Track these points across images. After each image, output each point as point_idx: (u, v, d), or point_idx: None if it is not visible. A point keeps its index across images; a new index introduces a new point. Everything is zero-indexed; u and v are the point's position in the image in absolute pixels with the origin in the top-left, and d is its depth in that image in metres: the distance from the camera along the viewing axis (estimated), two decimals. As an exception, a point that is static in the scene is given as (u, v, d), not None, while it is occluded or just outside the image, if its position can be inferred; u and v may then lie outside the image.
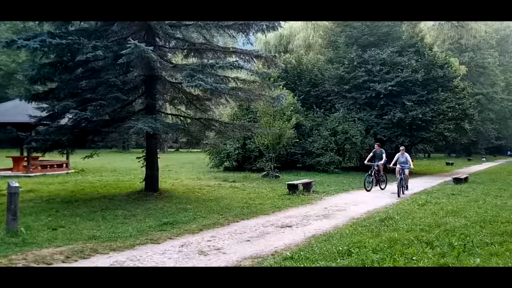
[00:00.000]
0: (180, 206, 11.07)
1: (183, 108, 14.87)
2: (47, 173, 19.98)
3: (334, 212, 11.07)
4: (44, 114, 12.13)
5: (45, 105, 12.20)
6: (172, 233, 8.20)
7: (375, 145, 16.98)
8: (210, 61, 12.89)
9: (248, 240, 7.85)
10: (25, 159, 20.21)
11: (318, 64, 27.02)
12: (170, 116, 15.56)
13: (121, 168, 24.40)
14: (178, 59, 15.28)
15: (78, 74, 11.91)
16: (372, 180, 15.90)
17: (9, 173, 19.71)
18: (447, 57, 26.07)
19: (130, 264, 6.17)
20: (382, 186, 16.34)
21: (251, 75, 14.93)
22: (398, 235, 7.61)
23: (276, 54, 20.58)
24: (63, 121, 12.61)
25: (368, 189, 15.61)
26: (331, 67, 24.70)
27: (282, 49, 32.36)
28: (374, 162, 16.17)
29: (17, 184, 7.78)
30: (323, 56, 27.79)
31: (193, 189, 14.91)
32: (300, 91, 24.79)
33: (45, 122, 12.76)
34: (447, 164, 36.10)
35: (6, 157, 22.97)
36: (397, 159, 15.33)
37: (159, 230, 8.43)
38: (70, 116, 11.91)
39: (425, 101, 23.30)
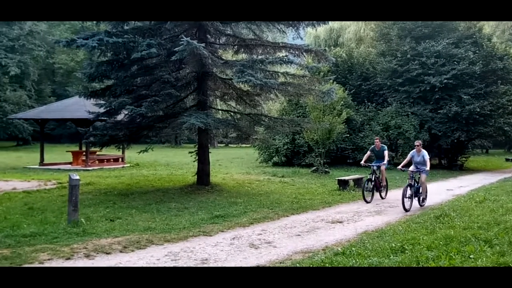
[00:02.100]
0: (230, 200, 11.24)
1: (233, 104, 15.06)
2: (104, 167, 20.85)
3: (386, 209, 10.86)
4: (101, 110, 12.66)
5: (102, 102, 12.75)
6: (224, 226, 8.36)
7: (375, 140, 12.98)
8: (260, 56, 12.97)
9: (299, 235, 7.86)
10: (84, 153, 21.19)
11: (370, 57, 26.45)
12: (220, 111, 15.82)
13: (173, 162, 25.04)
14: (228, 55, 15.48)
15: (133, 71, 12.32)
16: (373, 188, 12.18)
17: (68, 167, 20.74)
18: (507, 48, 24.74)
19: (184, 255, 6.37)
20: (383, 194, 12.68)
21: (300, 69, 14.88)
22: (455, 233, 7.35)
23: (326, 48, 20.41)
24: (119, 117, 13.12)
25: (368, 199, 11.72)
26: (383, 60, 24.10)
27: (332, 43, 31.91)
28: (373, 163, 12.60)
29: (77, 177, 8.19)
30: (374, 49, 27.18)
31: (243, 183, 15.08)
32: (351, 85, 24.39)
33: (102, 118, 13.32)
34: (507, 160, 34.30)
35: (66, 151, 24.16)
36: (411, 158, 11.26)
37: (211, 222, 8.62)
38: (126, 112, 12.39)
39: (483, 95, 22.25)
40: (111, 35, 11.14)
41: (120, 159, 22.76)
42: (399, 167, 11.51)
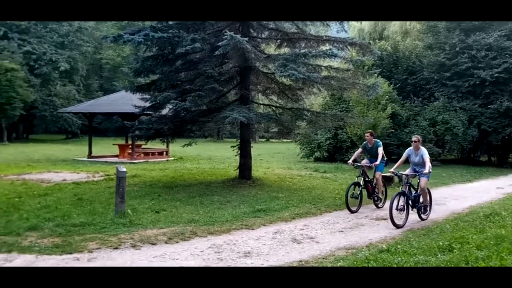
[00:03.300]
0: (272, 194, 11.24)
1: (275, 98, 15.02)
2: (149, 160, 21.35)
3: (433, 206, 10.52)
4: (147, 104, 12.93)
5: (147, 96, 13.02)
6: (266, 220, 8.38)
7: (366, 134, 10.64)
8: (303, 50, 12.84)
9: (342, 231, 7.77)
10: (130, 146, 21.78)
11: (416, 50, 25.70)
12: (262, 106, 15.82)
13: (216, 156, 25.33)
14: (271, 49, 15.44)
15: (177, 66, 12.51)
16: (361, 193, 9.76)
17: (115, 159, 21.37)
18: None
19: (227, 247, 6.44)
20: (380, 204, 10.32)
21: (344, 63, 14.65)
22: (506, 232, 7.03)
23: (371, 41, 19.96)
24: (164, 111, 13.37)
25: (352, 208, 9.52)
26: (431, 54, 23.35)
27: (377, 36, 31.19)
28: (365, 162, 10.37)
29: (124, 169, 8.43)
30: (421, 42, 26.37)
31: (284, 178, 15.04)
32: (396, 79, 23.80)
33: (148, 112, 13.62)
34: None
35: (113, 144, 24.91)
36: (407, 157, 9.01)
37: (253, 216, 8.66)
38: (171, 107, 12.60)
39: (537, 89, 21.19)
40: (157, 30, 11.31)
41: (164, 153, 23.24)
42: (392, 169, 8.79)
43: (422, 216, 8.86)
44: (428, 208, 9.04)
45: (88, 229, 7.24)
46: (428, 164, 8.46)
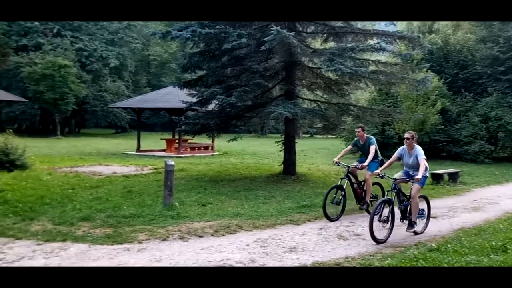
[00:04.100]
0: (317, 190, 11.16)
1: (320, 93, 14.89)
2: (195, 154, 21.73)
3: (485, 205, 10.14)
4: (194, 100, 13.16)
5: (194, 92, 13.25)
6: (311, 216, 8.34)
7: (357, 129, 9.06)
8: (350, 44, 12.64)
9: (389, 228, 7.61)
10: (177, 141, 22.24)
11: (468, 44, 24.68)
12: (307, 101, 15.71)
13: (260, 151, 25.42)
14: (317, 43, 15.29)
15: (224, 62, 12.65)
16: (343, 198, 8.24)
17: (162, 153, 21.89)
18: None
19: (272, 242, 6.46)
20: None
21: (393, 57, 14.30)
22: None
23: (420, 35, 19.36)
24: (210, 107, 13.56)
25: (332, 216, 8.05)
26: (484, 47, 22.36)
27: (427, 29, 30.18)
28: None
29: (173, 163, 8.62)
30: (473, 35, 25.30)
31: (329, 174, 14.90)
32: (446, 73, 22.97)
33: (194, 107, 13.85)
34: None
35: (160, 139, 25.53)
36: (399, 157, 7.45)
37: (298, 212, 8.64)
38: (217, 102, 12.77)
39: None
40: (204, 26, 11.46)
41: (209, 147, 23.58)
42: (378, 171, 7.34)
43: (409, 228, 7.11)
44: (425, 220, 7.54)
45: (137, 221, 7.46)
46: (422, 167, 6.86)
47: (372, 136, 9.06)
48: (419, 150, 7.16)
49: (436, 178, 13.26)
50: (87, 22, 42.03)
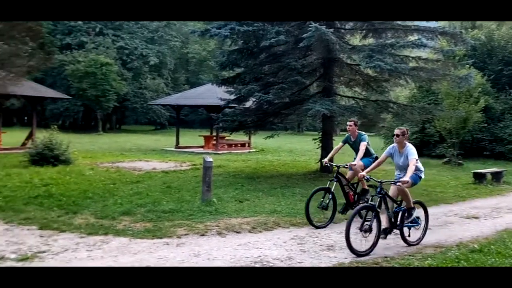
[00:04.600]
0: (355, 189, 11.01)
1: (358, 90, 14.70)
2: (232, 151, 21.89)
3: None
4: (232, 97, 13.26)
5: (232, 89, 13.35)
6: (348, 214, 8.21)
7: (348, 123, 8.11)
8: (390, 40, 12.42)
9: (429, 228, 7.40)
10: (214, 138, 22.47)
11: (514, 39, 23.70)
12: (345, 98, 15.54)
13: (296, 149, 25.34)
14: (355, 40, 15.08)
15: (261, 59, 12.68)
16: (330, 201, 7.40)
17: (200, 150, 22.18)
18: None
19: (310, 240, 6.44)
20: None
21: (434, 53, 13.93)
22: None
23: (462, 30, 18.74)
24: (248, 104, 13.62)
25: (318, 223, 7.31)
26: (531, 42, 21.43)
27: (469, 24, 29.19)
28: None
29: (211, 160, 8.72)
30: (520, 30, 24.27)
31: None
32: (490, 70, 22.11)
33: (232, 104, 13.95)
34: None
35: (199, 136, 25.86)
36: (389, 156, 6.59)
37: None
38: (254, 99, 12.81)
39: None
40: (242, 24, 11.52)
41: (246, 144, 23.71)
42: (363, 173, 6.54)
43: (408, 239, 6.37)
44: (421, 230, 6.63)
45: (176, 216, 7.59)
46: (410, 168, 6.02)
47: (364, 133, 8.17)
48: (411, 149, 6.28)
49: (479, 177, 12.84)
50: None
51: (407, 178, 5.93)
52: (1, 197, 8.57)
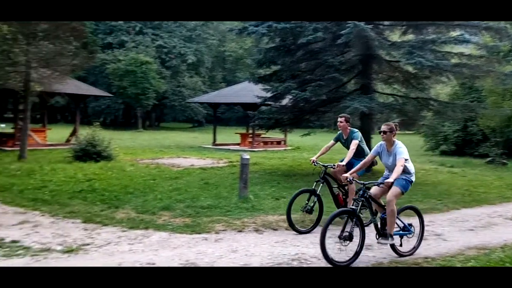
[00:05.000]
0: (394, 188, 10.82)
1: (398, 87, 14.40)
2: (268, 149, 21.94)
3: None
4: (268, 95, 13.27)
5: (268, 87, 13.35)
6: (387, 214, 8.11)
7: (339, 120, 7.48)
8: (431, 36, 12.11)
9: (472, 230, 7.24)
10: (250, 135, 22.58)
11: None
12: (384, 95, 15.27)
13: (333, 147, 25.05)
14: (395, 36, 14.78)
15: (298, 56, 12.62)
16: (319, 205, 7.03)
17: (237, 147, 22.34)
18: None
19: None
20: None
21: (478, 49, 13.47)
22: None
23: (507, 25, 18.00)
24: (284, 102, 13.60)
25: (302, 229, 6.78)
26: None
27: (516, 18, 28.09)
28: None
29: (248, 157, 8.78)
30: None
31: (407, 171, 14.36)
32: (538, 66, 21.25)
33: (268, 102, 13.97)
34: None
35: (235, 133, 26.06)
36: (376, 156, 6.01)
37: (374, 209, 8.43)
38: (290, 97, 12.78)
39: None
40: (280, 21, 11.50)
41: (282, 142, 23.70)
42: (348, 174, 5.85)
43: (399, 249, 5.73)
44: (415, 239, 5.93)
45: (214, 212, 7.70)
46: (397, 169, 5.36)
47: (356, 130, 7.45)
48: (399, 148, 5.60)
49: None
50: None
51: (392, 179, 5.32)
52: (47, 191, 8.95)
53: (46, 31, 13.55)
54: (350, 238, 5.26)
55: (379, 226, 5.66)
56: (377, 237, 5.65)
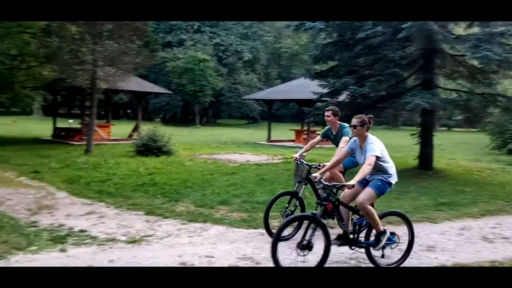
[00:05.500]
0: (457, 188, 10.38)
1: (462, 82, 13.75)
2: (323, 145, 21.57)
3: None
4: (325, 91, 13.11)
5: (325, 83, 13.20)
6: (450, 215, 7.80)
7: (326, 114, 6.66)
8: (500, 28, 11.45)
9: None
10: (305, 132, 22.44)
11: None
12: (446, 91, 14.66)
13: (391, 144, 24.31)
14: (459, 29, 14.12)
15: (356, 51, 12.35)
16: (300, 208, 6.22)
17: (291, 144, 22.28)
18: None
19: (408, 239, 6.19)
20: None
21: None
22: None
23: None
24: (341, 98, 13.38)
25: (283, 234, 5.05)
26: None
27: None
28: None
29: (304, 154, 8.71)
30: None
31: (471, 171, 13.73)
32: None
33: (324, 98, 13.80)
34: None
35: (290, 130, 26.00)
36: (350, 152, 5.24)
37: (436, 209, 8.14)
38: (348, 93, 12.54)
39: None
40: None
41: (338, 139, 23.34)
42: (317, 173, 5.11)
43: (380, 261, 5.04)
44: (402, 250, 5.19)
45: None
46: (363, 169, 4.68)
47: (347, 125, 6.35)
48: (371, 144, 4.87)
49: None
50: (223, 18, 44.48)
51: (354, 181, 4.51)
52: (111, 184, 9.37)
53: (111, 31, 14.18)
54: (308, 247, 4.61)
55: (351, 234, 4.95)
56: (350, 247, 4.93)
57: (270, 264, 4.60)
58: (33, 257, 5.00)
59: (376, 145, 4.86)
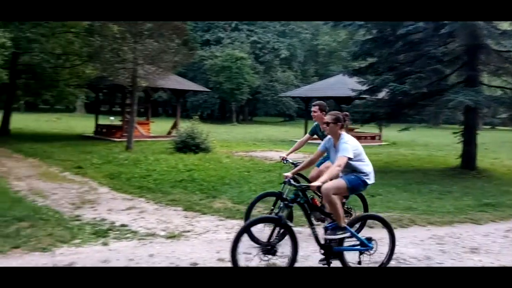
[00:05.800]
0: (502, 188, 10.01)
1: (508, 79, 13.23)
2: (362, 144, 21.19)
3: None
4: (364, 88, 12.92)
5: (364, 80, 12.99)
6: (495, 216, 7.53)
7: (312, 108, 6.36)
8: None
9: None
10: (343, 130, 22.16)
11: None
12: (491, 88, 14.15)
13: (432, 143, 23.83)
14: (505, 23, 13.57)
15: (397, 47, 12.12)
16: (288, 211, 4.99)
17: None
18: None
19: (450, 240, 6.04)
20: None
21: None
22: None
23: None
24: (380, 95, 13.16)
25: (263, 240, 4.94)
26: None
27: None
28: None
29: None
30: None
31: (517, 170, 13.22)
32: None
33: (362, 96, 13.60)
34: None
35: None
36: (324, 151, 5.13)
37: (479, 210, 7.87)
38: (387, 90, 12.32)
39: None
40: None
41: (376, 137, 22.97)
42: (289, 173, 4.89)
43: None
44: (385, 255, 4.85)
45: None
46: (331, 170, 4.45)
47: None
48: (344, 143, 4.59)
49: None
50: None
51: (319, 182, 4.26)
52: (151, 180, 9.58)
53: (151, 30, 14.47)
54: (273, 252, 4.41)
55: (321, 240, 4.60)
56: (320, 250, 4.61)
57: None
58: (76, 250, 5.17)
59: (349, 145, 4.59)
